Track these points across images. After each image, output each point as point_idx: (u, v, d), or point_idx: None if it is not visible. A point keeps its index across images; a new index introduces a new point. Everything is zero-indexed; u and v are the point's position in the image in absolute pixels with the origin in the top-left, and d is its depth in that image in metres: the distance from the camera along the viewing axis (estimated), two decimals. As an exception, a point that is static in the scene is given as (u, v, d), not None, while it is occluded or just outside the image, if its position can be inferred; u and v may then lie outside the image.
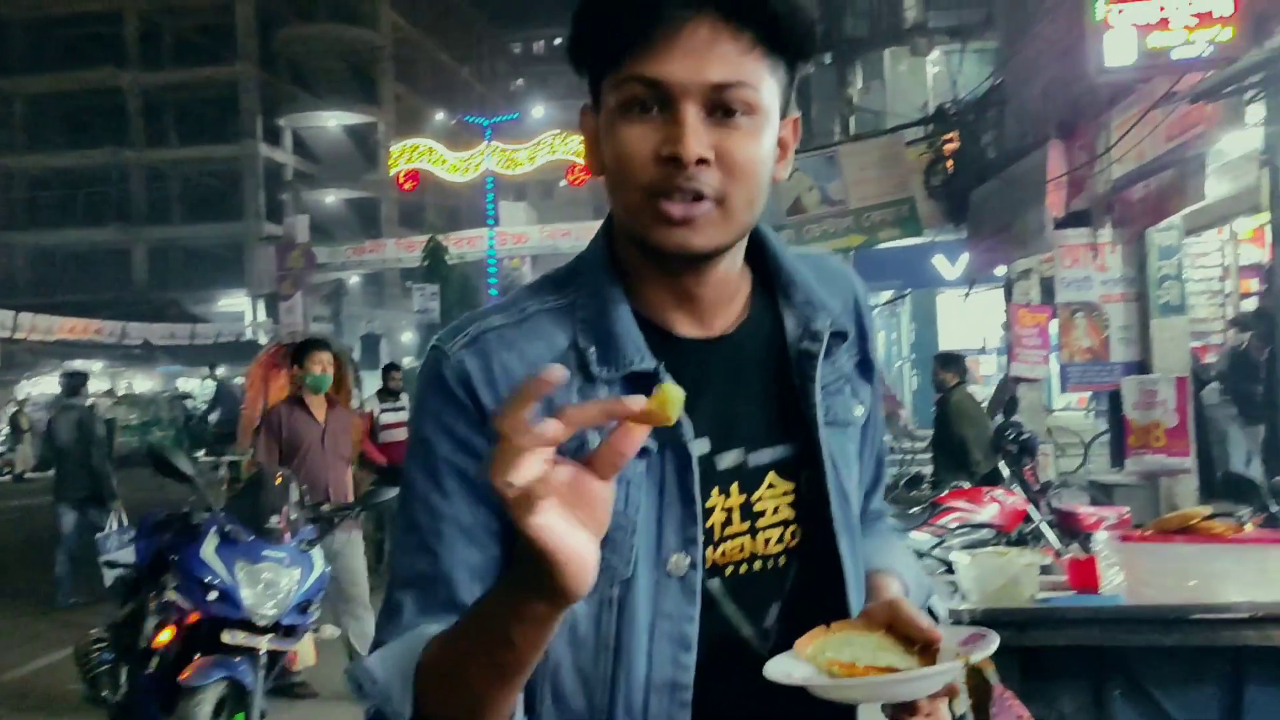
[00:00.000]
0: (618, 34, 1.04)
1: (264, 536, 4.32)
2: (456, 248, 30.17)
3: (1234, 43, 7.10)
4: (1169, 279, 9.22)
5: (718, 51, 1.03)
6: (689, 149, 1.02)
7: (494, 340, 1.10)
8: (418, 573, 1.07)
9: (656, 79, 1.03)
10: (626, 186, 1.07)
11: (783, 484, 1.15)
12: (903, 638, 1.06)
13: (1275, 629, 2.58)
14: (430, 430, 1.09)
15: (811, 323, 1.18)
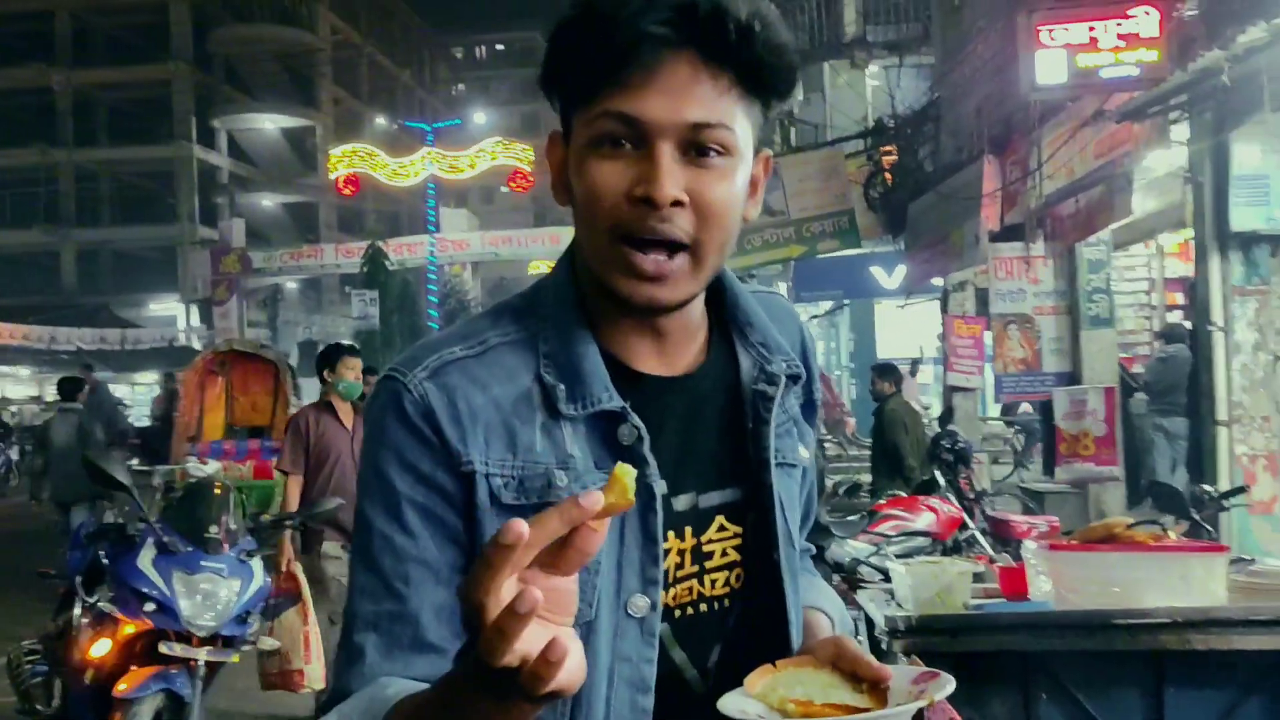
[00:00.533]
0: (594, 67, 1.01)
1: (202, 547, 4.26)
2: (397, 254, 29.95)
3: (1159, 64, 7.35)
4: (1098, 292, 9.49)
5: (696, 91, 1.00)
6: (664, 190, 0.99)
7: (456, 372, 1.06)
8: (382, 613, 1.02)
9: (633, 116, 1.00)
10: (595, 227, 1.03)
11: (731, 527, 1.14)
12: (850, 675, 1.05)
13: (1193, 633, 2.69)
14: (390, 465, 1.04)
15: (767, 364, 1.16)
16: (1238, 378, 7.43)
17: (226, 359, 9.79)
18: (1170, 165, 8.60)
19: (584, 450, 1.06)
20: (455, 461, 1.03)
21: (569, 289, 1.11)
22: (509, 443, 1.05)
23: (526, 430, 1.05)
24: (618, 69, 0.99)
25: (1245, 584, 2.81)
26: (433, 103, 58.05)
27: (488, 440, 1.04)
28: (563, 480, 1.04)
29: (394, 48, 54.23)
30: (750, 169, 1.07)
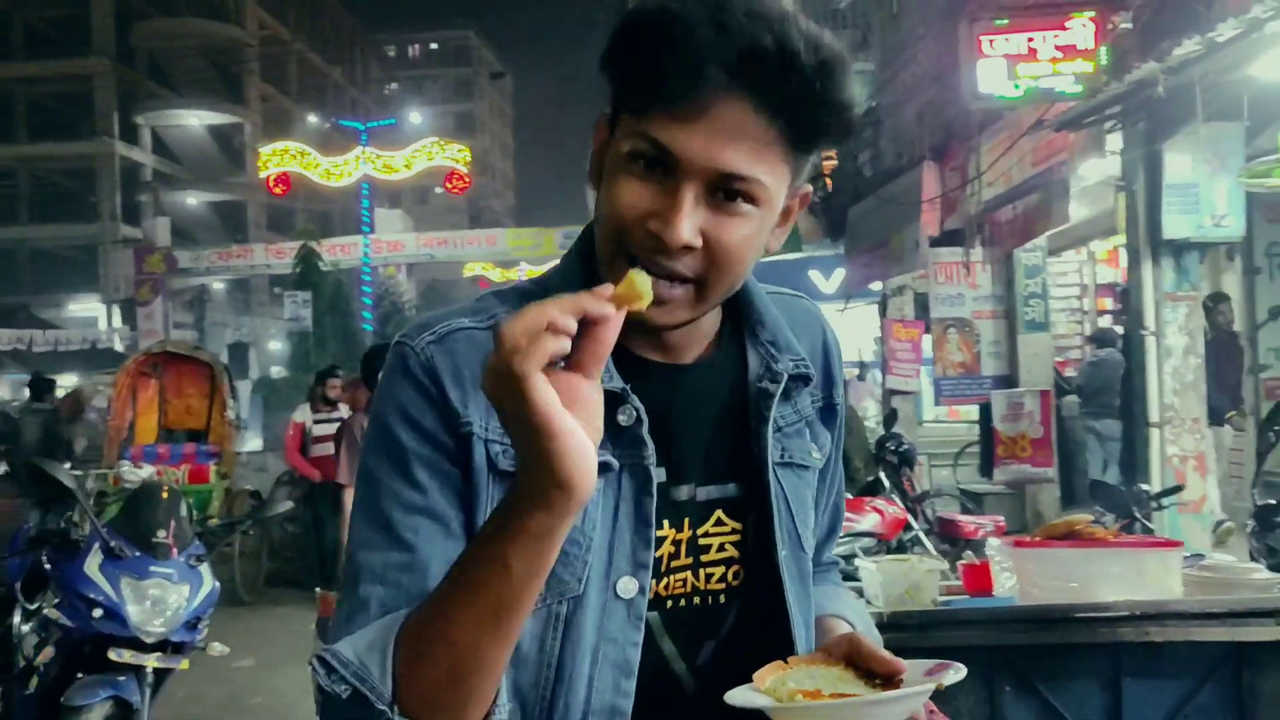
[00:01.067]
0: (650, 83, 0.99)
1: (150, 552, 4.17)
2: (330, 254, 29.50)
3: (1095, 75, 7.56)
4: (1034, 297, 9.72)
5: (740, 140, 0.98)
6: (677, 234, 0.98)
7: (462, 340, 1.07)
8: (390, 563, 1.02)
9: (669, 149, 0.98)
10: (606, 237, 1.04)
11: (730, 522, 1.13)
12: (864, 672, 1.05)
13: (1150, 625, 2.77)
14: (396, 422, 1.05)
15: (774, 363, 1.16)
16: (1169, 381, 7.66)
17: (160, 361, 9.55)
18: (1102, 174, 8.85)
19: None
20: (456, 421, 1.05)
21: (578, 274, 1.11)
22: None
23: None
24: (668, 96, 0.98)
25: (1197, 578, 2.90)
26: (365, 101, 57.39)
27: (489, 408, 1.00)
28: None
29: (324, 45, 53.53)
30: (778, 212, 1.06)
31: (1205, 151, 7.12)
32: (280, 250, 32.14)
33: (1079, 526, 2.85)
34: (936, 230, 10.20)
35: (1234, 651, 2.80)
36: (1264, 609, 2.80)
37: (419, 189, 55.89)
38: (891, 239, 10.94)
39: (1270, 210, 8.81)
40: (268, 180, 30.82)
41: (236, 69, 43.92)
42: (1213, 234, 7.47)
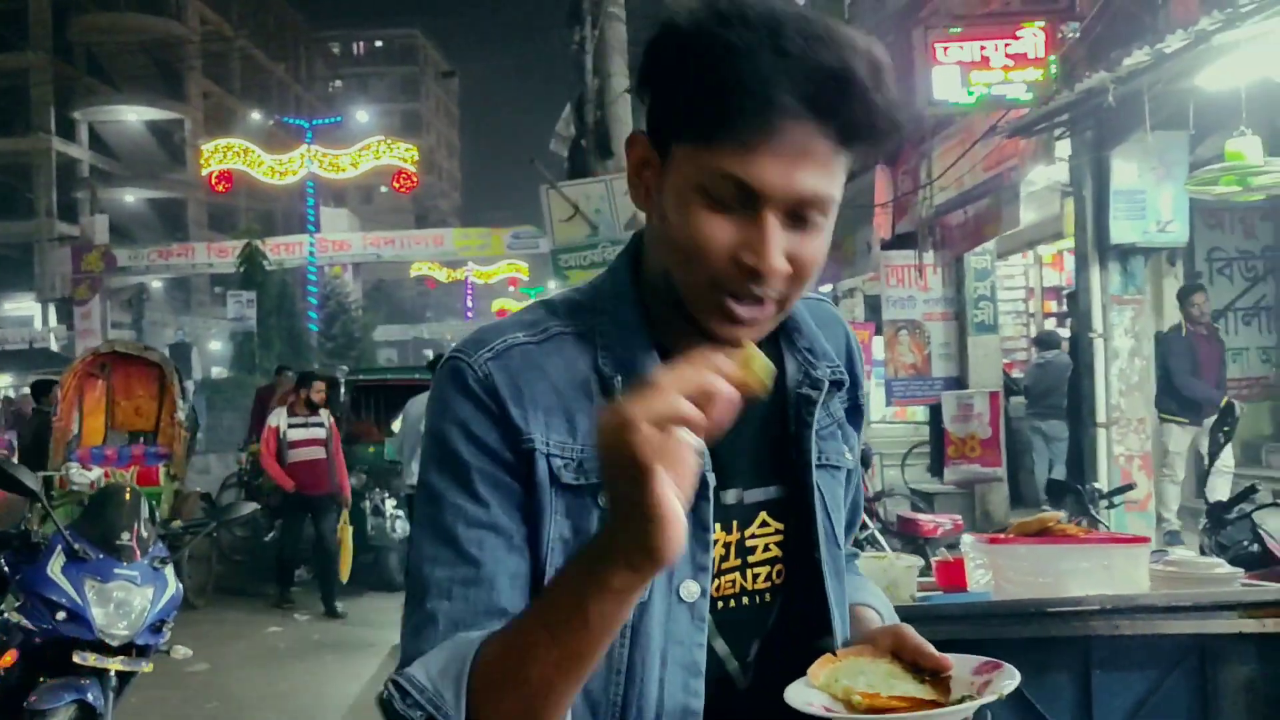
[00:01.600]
0: (715, 114, 0.99)
1: (114, 554, 4.11)
2: (274, 254, 29.12)
3: (1045, 83, 7.72)
4: (983, 299, 9.90)
5: (811, 161, 0.99)
6: (772, 264, 1.00)
7: (519, 356, 1.09)
8: (456, 579, 1.05)
9: (747, 183, 0.99)
10: (693, 271, 1.04)
11: (774, 524, 1.17)
12: (910, 665, 1.07)
13: (1120, 619, 2.85)
14: (457, 438, 1.07)
15: (813, 369, 1.19)
16: (1115, 382, 7.85)
17: (108, 361, 9.35)
18: (1049, 179, 9.05)
19: None
20: (518, 437, 1.07)
21: (629, 290, 1.14)
22: (569, 426, 1.08)
23: (584, 417, 1.08)
24: (740, 127, 0.98)
25: (1162, 573, 2.99)
26: (309, 99, 56.72)
27: (548, 422, 1.08)
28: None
29: (268, 41, 52.83)
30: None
31: (1151, 159, 7.31)
32: (223, 249, 31.67)
33: (1051, 524, 2.93)
34: (888, 233, 10.35)
35: (1198, 643, 2.89)
36: (1226, 602, 2.90)
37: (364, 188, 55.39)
38: (843, 241, 11.07)
39: (1210, 217, 9.07)
40: (210, 178, 30.39)
41: (177, 65, 43.17)
42: (1158, 239, 7.67)
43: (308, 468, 8.62)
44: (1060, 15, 7.90)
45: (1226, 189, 6.19)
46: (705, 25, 0.99)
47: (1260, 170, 5.98)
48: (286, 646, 7.73)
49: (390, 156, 30.27)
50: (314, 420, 8.75)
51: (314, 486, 8.62)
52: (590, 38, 12.98)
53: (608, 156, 11.45)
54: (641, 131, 1.11)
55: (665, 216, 1.06)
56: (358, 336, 33.01)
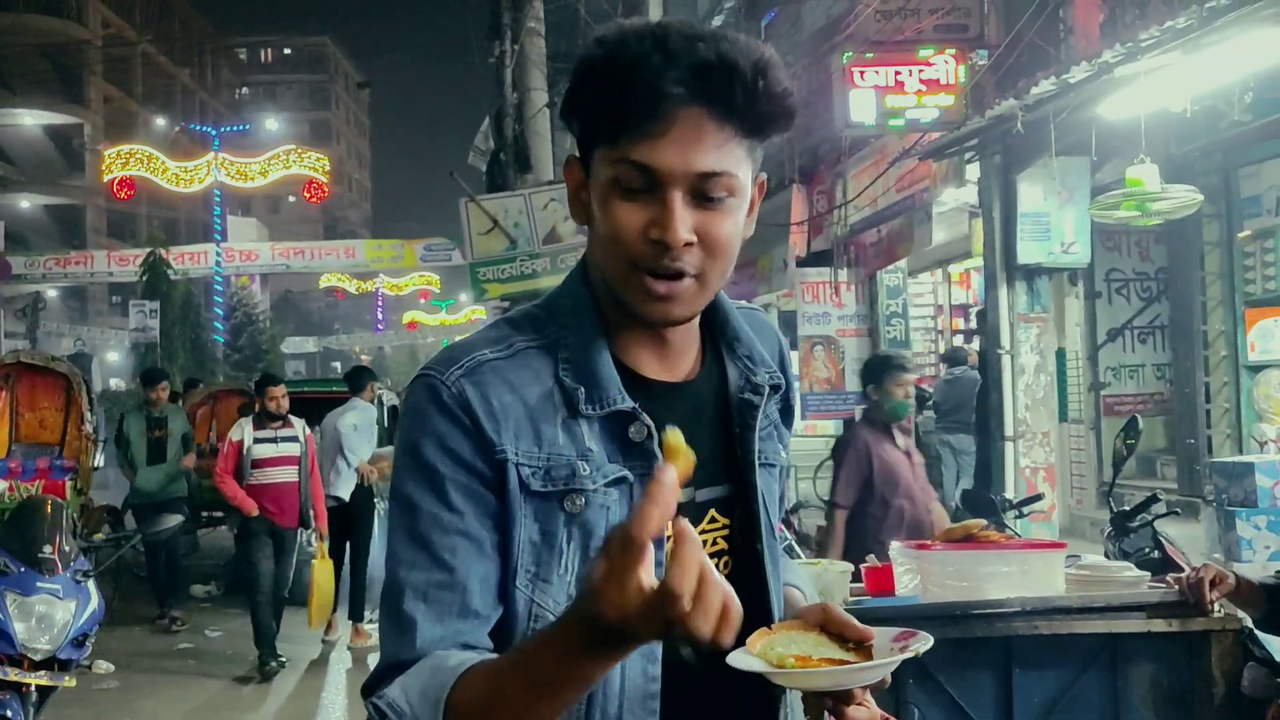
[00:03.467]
0: (616, 115, 1.11)
1: (35, 567, 4.03)
2: (179, 263, 28.40)
3: (955, 108, 8.02)
4: (895, 316, 10.19)
5: (705, 143, 1.11)
6: (676, 235, 1.11)
7: (488, 372, 1.17)
8: (431, 583, 1.12)
9: (649, 166, 1.11)
10: (615, 257, 1.15)
11: (721, 519, 1.26)
12: (837, 636, 1.19)
13: (1038, 619, 3.02)
14: (432, 452, 1.15)
15: (753, 375, 1.29)
16: (1021, 397, 8.17)
17: (11, 371, 9.05)
18: (958, 201, 9.38)
19: (600, 445, 1.18)
20: (490, 449, 1.15)
21: (586, 301, 1.23)
22: (535, 437, 1.17)
23: (549, 427, 1.17)
24: (637, 121, 1.10)
25: (1076, 576, 3.16)
26: (215, 105, 55.45)
27: (517, 434, 1.16)
28: (585, 470, 1.17)
29: (172, 45, 51.51)
30: (749, 198, 1.20)
31: (1055, 183, 7.64)
32: (124, 257, 30.82)
33: (975, 531, 3.08)
34: (804, 251, 10.58)
35: (1109, 642, 3.07)
36: (1135, 604, 3.08)
37: (271, 197, 54.30)
38: (759, 259, 11.28)
39: (1109, 239, 9.48)
40: (111, 184, 29.58)
41: (78, 68, 41.84)
42: (1062, 260, 8.00)
43: (276, 492, 7.21)
44: (970, 44, 8.22)
45: (1127, 214, 6.50)
46: (609, 49, 1.13)
47: (1158, 196, 6.30)
48: (197, 663, 7.58)
49: (301, 166, 29.81)
50: (285, 434, 7.34)
51: (282, 516, 7.22)
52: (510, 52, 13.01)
53: (527, 170, 11.50)
54: (575, 155, 1.23)
55: (593, 219, 1.18)
56: (265, 348, 32.36)
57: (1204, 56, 5.73)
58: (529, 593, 1.16)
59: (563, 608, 1.13)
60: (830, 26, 9.94)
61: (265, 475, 7.20)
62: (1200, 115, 6.70)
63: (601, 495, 1.17)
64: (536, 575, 1.16)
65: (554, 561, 1.16)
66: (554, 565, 1.16)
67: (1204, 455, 8.27)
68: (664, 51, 1.09)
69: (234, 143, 32.62)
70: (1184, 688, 3.05)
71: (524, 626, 1.15)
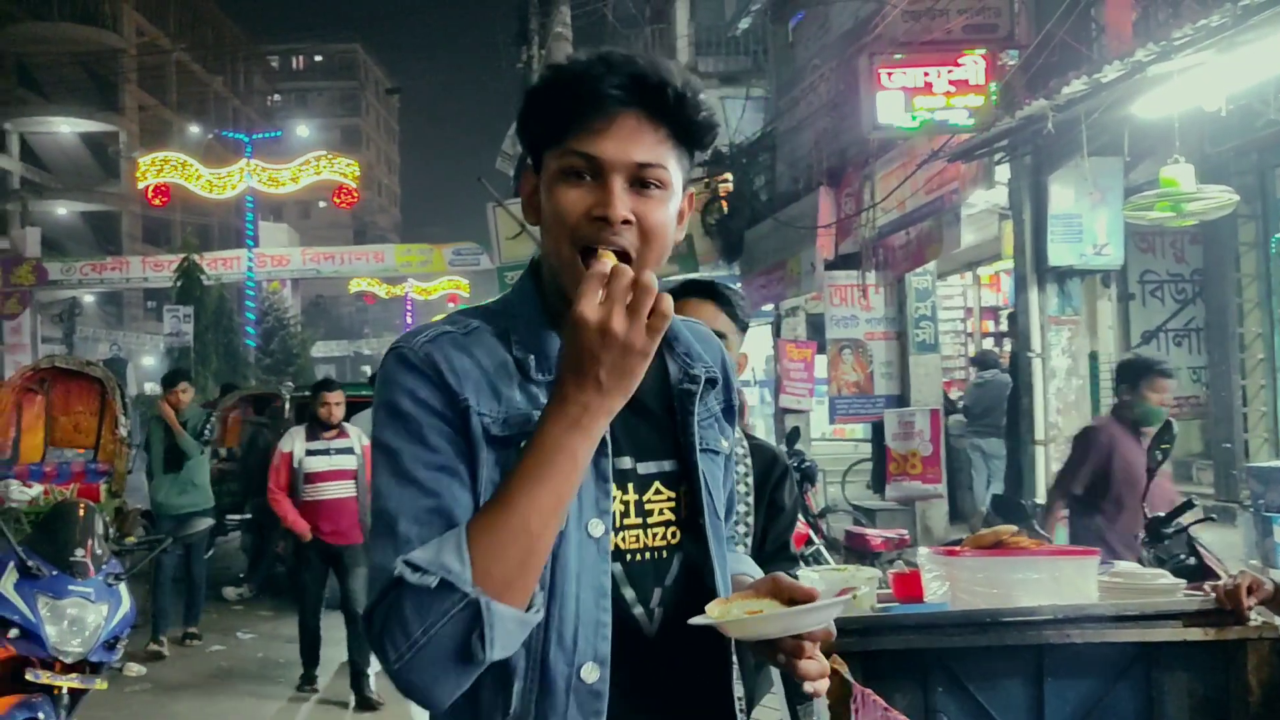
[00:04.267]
0: (564, 116, 1.31)
1: (68, 571, 4.07)
2: (212, 268, 28.67)
3: (985, 109, 7.94)
4: (924, 319, 10.11)
5: (642, 139, 1.31)
6: (616, 211, 1.29)
7: (448, 343, 1.35)
8: (423, 508, 1.27)
9: (593, 155, 1.30)
10: (560, 238, 1.32)
11: (666, 492, 1.42)
12: (787, 601, 1.32)
13: (1070, 628, 2.96)
14: (408, 404, 1.31)
15: (690, 369, 1.48)
16: (1053, 400, 8.07)
17: (47, 376, 9.15)
18: (988, 202, 9.28)
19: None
20: (455, 398, 1.31)
21: (533, 299, 1.42)
22: (494, 395, 1.34)
23: (506, 388, 1.34)
24: (583, 118, 1.30)
25: (1109, 584, 3.11)
26: (247, 112, 56.00)
27: (478, 392, 1.32)
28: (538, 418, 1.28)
29: (206, 53, 52.10)
30: (679, 202, 1.38)
31: (1088, 184, 7.54)
32: (159, 263, 31.13)
33: (1005, 537, 3.03)
34: (832, 254, 10.52)
35: (1143, 651, 3.01)
36: (1169, 612, 3.02)
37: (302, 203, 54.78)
38: (788, 262, 11.23)
39: (1143, 240, 9.36)
40: (146, 191, 29.87)
41: (113, 76, 42.39)
42: (1094, 262, 7.90)
43: (332, 509, 6.68)
44: (1001, 44, 8.14)
45: (1161, 214, 6.41)
46: (558, 70, 1.35)
47: (1193, 197, 6.21)
48: (229, 665, 7.63)
49: (331, 171, 30.01)
50: (340, 445, 6.80)
51: (339, 534, 6.68)
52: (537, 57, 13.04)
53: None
54: (528, 165, 1.42)
55: (543, 212, 1.36)
56: (296, 353, 32.59)
57: (1238, 55, 5.64)
58: None
59: None
60: (858, 28, 9.88)
61: (319, 491, 6.70)
62: (1235, 114, 6.60)
63: None
64: None
65: None
66: None
67: (1240, 460, 8.14)
68: (607, 65, 1.30)
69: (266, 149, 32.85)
70: (1220, 697, 3.00)
71: None
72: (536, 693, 1.30)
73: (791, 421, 11.99)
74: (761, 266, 12.42)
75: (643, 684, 1.35)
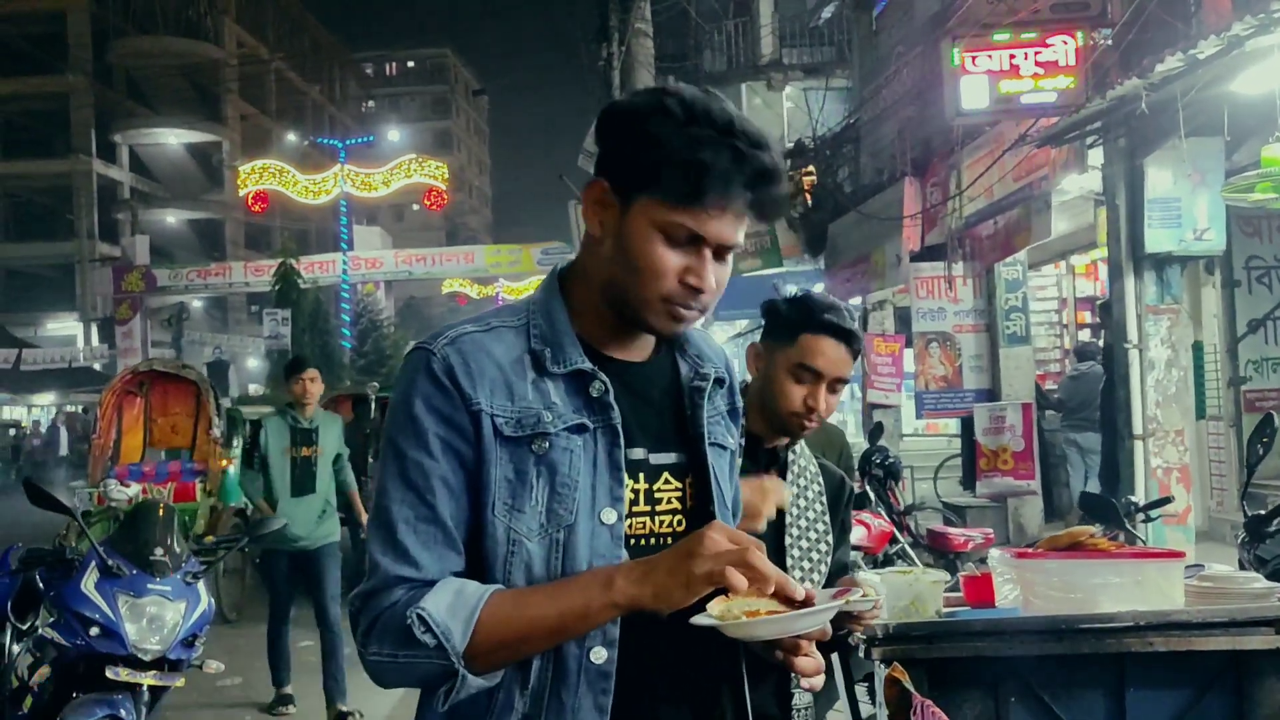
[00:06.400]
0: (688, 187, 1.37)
1: (147, 570, 4.14)
2: (309, 272, 29.39)
3: (1075, 90, 7.65)
4: (1015, 311, 9.80)
5: (737, 221, 1.40)
6: (710, 285, 1.42)
7: (468, 342, 1.43)
8: (419, 517, 1.39)
9: (700, 235, 1.39)
10: (649, 287, 1.42)
11: (675, 482, 1.50)
12: (785, 600, 1.35)
13: (1154, 635, 2.79)
14: (421, 409, 1.40)
15: (700, 368, 1.57)
16: (1152, 393, 7.74)
17: (146, 379, 9.47)
18: (1081, 188, 8.95)
19: (564, 399, 1.43)
20: (468, 403, 1.39)
21: (556, 295, 1.50)
22: (508, 394, 1.41)
23: (520, 384, 1.42)
24: (706, 200, 1.37)
25: (1197, 588, 2.92)
26: (342, 119, 57.29)
27: (492, 390, 1.40)
28: (548, 418, 1.41)
29: (303, 63, 53.46)
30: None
31: (1186, 166, 7.22)
32: (259, 268, 32.05)
33: (1082, 538, 2.88)
34: (917, 245, 10.27)
35: (1233, 660, 2.83)
36: (1262, 618, 2.82)
37: (395, 206, 55.77)
38: (873, 254, 11.01)
39: (1248, 224, 8.94)
40: (247, 198, 30.79)
41: (215, 87, 43.77)
42: (1195, 248, 7.56)
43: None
44: (1092, 23, 7.83)
45: (1263, 196, 6.09)
46: (674, 116, 1.38)
47: (1297, 177, 5.88)
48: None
49: (421, 175, 30.52)
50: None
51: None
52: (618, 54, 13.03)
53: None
54: (602, 180, 1.45)
55: (624, 245, 1.42)
56: (389, 354, 33.23)
57: (1345, 25, 5.32)
58: (506, 521, 1.39)
59: (535, 533, 1.39)
60: (943, 12, 9.63)
61: None
62: (1343, 89, 6.23)
63: (564, 439, 1.41)
64: (512, 507, 1.39)
65: (526, 495, 1.40)
66: (526, 498, 1.40)
67: (1355, 454, 7.70)
68: (734, 149, 1.36)
69: (360, 154, 33.58)
70: (1319, 710, 2.80)
71: (504, 550, 1.39)
72: (552, 671, 1.40)
73: (879, 416, 11.77)
74: (846, 260, 12.21)
75: (652, 666, 1.43)
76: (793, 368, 2.42)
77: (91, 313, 35.93)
